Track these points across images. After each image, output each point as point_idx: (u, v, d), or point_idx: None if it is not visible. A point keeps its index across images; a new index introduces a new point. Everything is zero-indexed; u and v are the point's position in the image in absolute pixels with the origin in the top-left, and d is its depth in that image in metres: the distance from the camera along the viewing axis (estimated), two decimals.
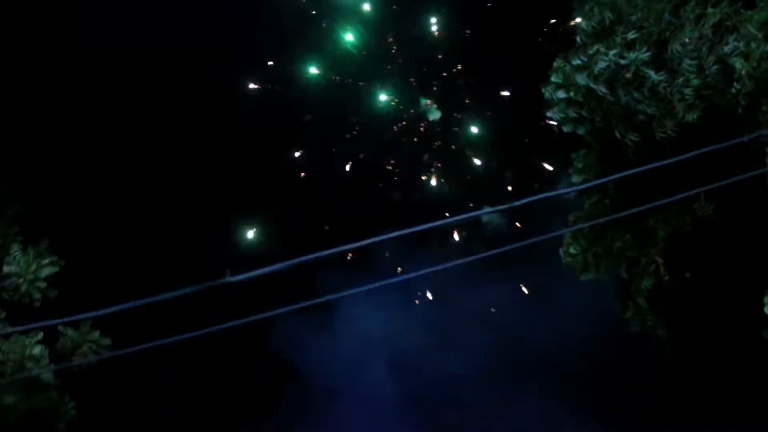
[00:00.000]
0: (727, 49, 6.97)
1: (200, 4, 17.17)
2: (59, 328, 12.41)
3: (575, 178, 10.54)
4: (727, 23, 7.16)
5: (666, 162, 4.84)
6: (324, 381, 19.07)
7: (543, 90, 8.59)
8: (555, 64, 8.61)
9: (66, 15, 16.43)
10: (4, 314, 11.22)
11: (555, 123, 8.69)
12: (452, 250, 19.46)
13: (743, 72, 6.56)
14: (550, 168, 18.16)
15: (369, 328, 19.11)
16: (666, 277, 9.52)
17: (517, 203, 3.94)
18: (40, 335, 10.76)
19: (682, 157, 4.65)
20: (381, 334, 19.20)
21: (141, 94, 17.99)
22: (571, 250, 9.62)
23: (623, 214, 5.45)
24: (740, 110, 6.96)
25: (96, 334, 12.44)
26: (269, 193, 19.69)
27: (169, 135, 18.65)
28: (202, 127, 18.70)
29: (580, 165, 10.02)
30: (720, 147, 4.74)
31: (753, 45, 6.54)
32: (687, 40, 7.26)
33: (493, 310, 19.39)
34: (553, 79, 8.38)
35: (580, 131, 8.48)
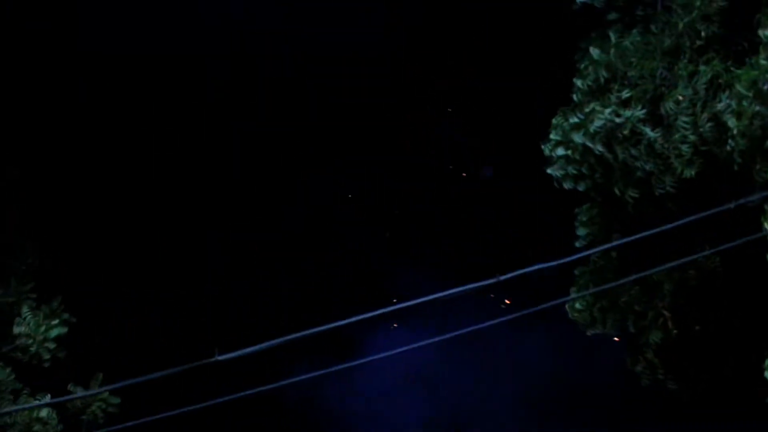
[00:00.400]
0: (720, 106, 7.06)
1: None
2: (68, 387, 12.49)
3: (580, 231, 10.59)
4: (719, 80, 7.27)
5: (659, 229, 4.85)
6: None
7: (543, 147, 8.69)
8: (554, 120, 8.73)
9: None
10: (12, 375, 11.31)
11: (555, 179, 8.76)
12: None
13: (736, 131, 6.64)
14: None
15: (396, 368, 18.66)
16: (674, 331, 9.47)
17: (516, 273, 3.97)
18: (48, 397, 10.82)
19: (678, 222, 4.68)
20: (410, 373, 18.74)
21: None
22: (577, 305, 9.62)
23: (631, 278, 5.42)
24: (736, 167, 7.01)
25: (105, 393, 12.49)
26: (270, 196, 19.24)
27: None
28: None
29: (584, 218, 10.08)
30: (708, 214, 4.77)
31: (744, 103, 6.63)
32: (681, 97, 7.36)
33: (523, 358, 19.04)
34: (552, 136, 8.49)
35: (581, 188, 8.54)
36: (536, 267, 4.40)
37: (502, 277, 3.99)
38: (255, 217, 19.06)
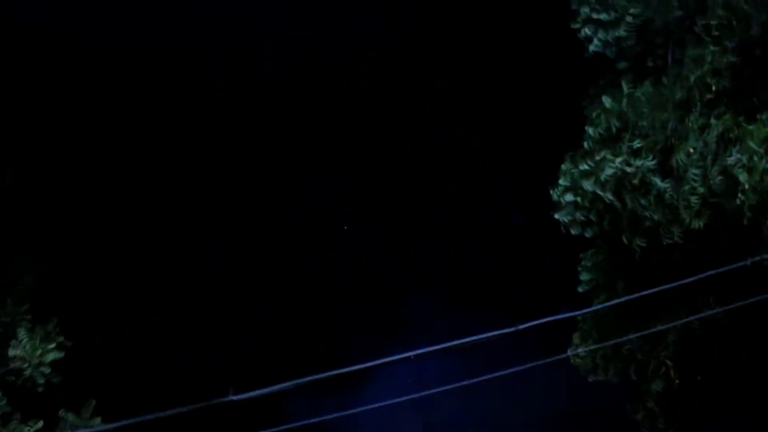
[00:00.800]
0: (730, 160, 7.13)
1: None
2: (60, 413, 12.31)
3: (583, 276, 10.60)
4: (730, 135, 7.35)
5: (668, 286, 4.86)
6: None
7: (551, 192, 8.73)
8: (563, 166, 8.79)
9: None
10: (4, 399, 11.15)
11: (563, 224, 8.78)
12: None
13: (747, 186, 6.69)
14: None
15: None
16: (676, 381, 9.43)
17: (526, 325, 3.97)
18: (41, 424, 10.67)
19: (690, 278, 4.69)
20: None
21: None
22: (580, 352, 9.57)
23: (635, 335, 5.41)
24: (745, 221, 7.05)
25: (98, 420, 12.32)
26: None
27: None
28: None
29: (588, 264, 10.09)
30: (721, 271, 4.78)
31: (756, 159, 6.70)
32: (692, 150, 7.44)
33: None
34: (561, 181, 8.54)
35: (588, 234, 8.57)
36: (554, 317, 4.39)
37: (521, 326, 3.99)
38: (255, 217, 18.96)
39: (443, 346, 3.72)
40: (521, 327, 4.02)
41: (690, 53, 8.45)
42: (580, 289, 10.77)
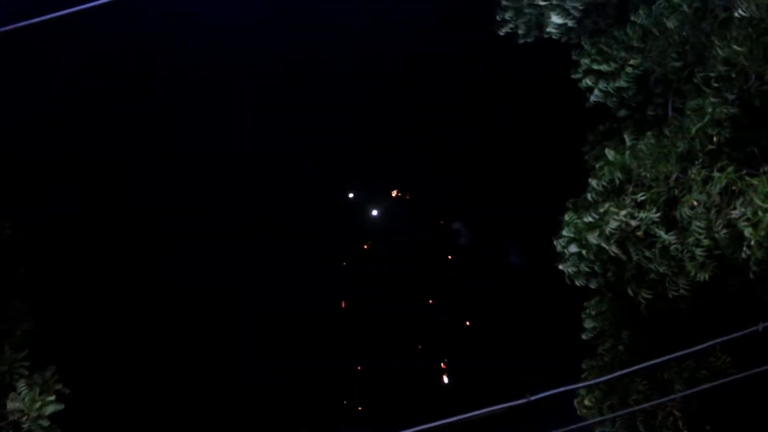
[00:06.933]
0: (735, 214, 7.11)
1: None
2: None
3: (587, 324, 10.51)
4: (733, 188, 7.34)
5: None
6: None
7: (555, 243, 8.70)
8: (566, 217, 8.76)
9: None
10: None
11: (567, 275, 8.73)
12: None
13: (753, 241, 6.67)
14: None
15: None
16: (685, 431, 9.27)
17: (537, 396, 3.91)
18: None
19: (703, 345, 4.63)
20: None
21: None
22: (586, 402, 9.44)
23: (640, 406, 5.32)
24: (752, 275, 7.01)
25: None
26: None
27: None
28: None
29: (593, 312, 10.02)
30: (734, 337, 4.72)
31: (760, 213, 6.68)
32: (695, 203, 7.42)
33: None
34: (564, 233, 8.50)
35: (593, 285, 8.52)
36: (565, 388, 4.33)
37: (533, 398, 3.93)
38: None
39: (456, 419, 3.65)
40: (532, 398, 3.96)
41: (690, 104, 8.50)
42: (584, 337, 10.68)
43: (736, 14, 7.24)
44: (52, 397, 11.73)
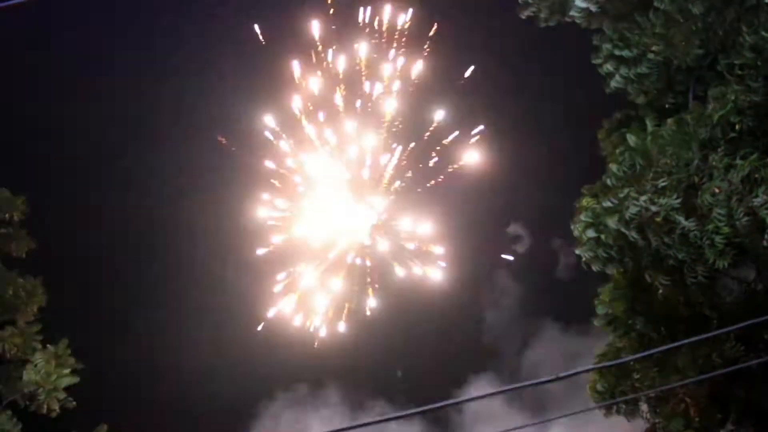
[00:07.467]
0: (757, 201, 7.10)
1: None
2: None
3: (599, 310, 10.50)
4: (756, 176, 7.32)
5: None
6: None
7: (572, 227, 8.70)
8: (584, 202, 8.76)
9: None
10: (19, 426, 11.09)
11: (584, 260, 8.73)
12: None
13: None
14: None
15: None
16: (696, 419, 9.30)
17: (560, 377, 3.94)
18: None
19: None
20: None
21: None
22: (598, 387, 9.45)
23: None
24: None
25: None
26: None
27: None
28: None
29: (606, 299, 10.01)
30: (748, 324, 4.74)
31: None
32: (717, 189, 7.41)
33: None
34: (582, 217, 8.50)
35: (609, 271, 8.53)
36: (592, 367, 4.38)
37: (562, 375, 3.98)
38: None
39: (488, 394, 3.68)
40: (562, 375, 4.00)
41: (712, 91, 8.46)
42: (596, 323, 10.69)
43: (766, 0, 7.20)
44: (67, 370, 11.85)
